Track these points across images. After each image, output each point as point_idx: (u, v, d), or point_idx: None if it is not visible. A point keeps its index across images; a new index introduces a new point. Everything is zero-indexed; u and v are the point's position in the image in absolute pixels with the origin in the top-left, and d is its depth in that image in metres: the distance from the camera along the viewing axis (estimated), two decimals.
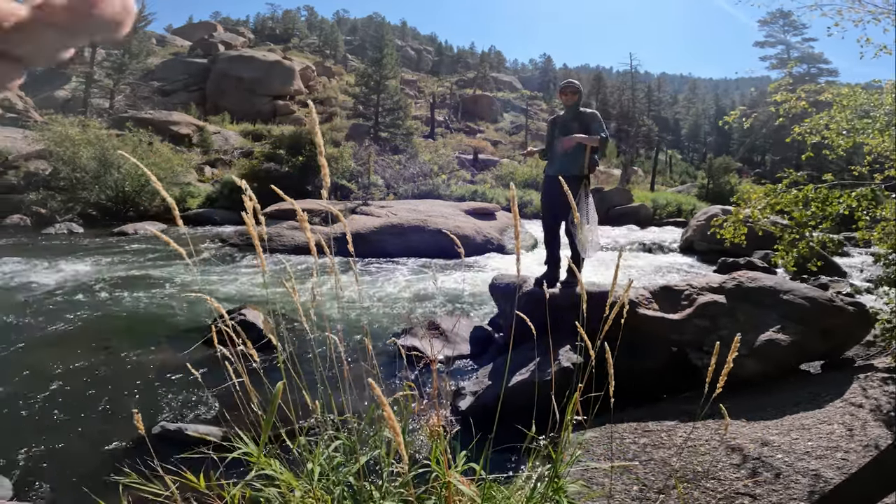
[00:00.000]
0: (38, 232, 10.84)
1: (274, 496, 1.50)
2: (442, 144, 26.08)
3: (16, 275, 6.58)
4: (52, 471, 2.57)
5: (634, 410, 2.89)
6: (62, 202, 12.36)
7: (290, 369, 1.53)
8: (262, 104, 28.56)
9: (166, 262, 7.98)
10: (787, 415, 2.55)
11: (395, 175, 17.52)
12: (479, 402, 3.04)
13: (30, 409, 3.16)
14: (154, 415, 3.11)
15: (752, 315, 3.09)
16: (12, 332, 4.52)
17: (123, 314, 5.21)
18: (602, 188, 17.64)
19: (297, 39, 53.43)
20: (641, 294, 3.34)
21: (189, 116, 22.94)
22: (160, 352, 4.17)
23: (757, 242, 7.45)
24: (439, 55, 65.49)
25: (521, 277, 3.88)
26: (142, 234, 10.96)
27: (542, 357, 3.00)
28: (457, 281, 7.27)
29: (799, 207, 4.04)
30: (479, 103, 41.81)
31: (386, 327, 4.88)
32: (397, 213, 10.07)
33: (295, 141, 16.00)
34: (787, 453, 2.23)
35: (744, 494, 2.04)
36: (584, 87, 3.87)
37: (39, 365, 3.77)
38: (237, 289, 6.43)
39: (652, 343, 3.24)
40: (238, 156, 19.41)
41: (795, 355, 3.06)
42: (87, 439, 2.85)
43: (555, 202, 3.63)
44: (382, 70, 24.55)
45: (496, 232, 10.54)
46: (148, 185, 13.48)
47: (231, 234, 10.00)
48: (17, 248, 8.64)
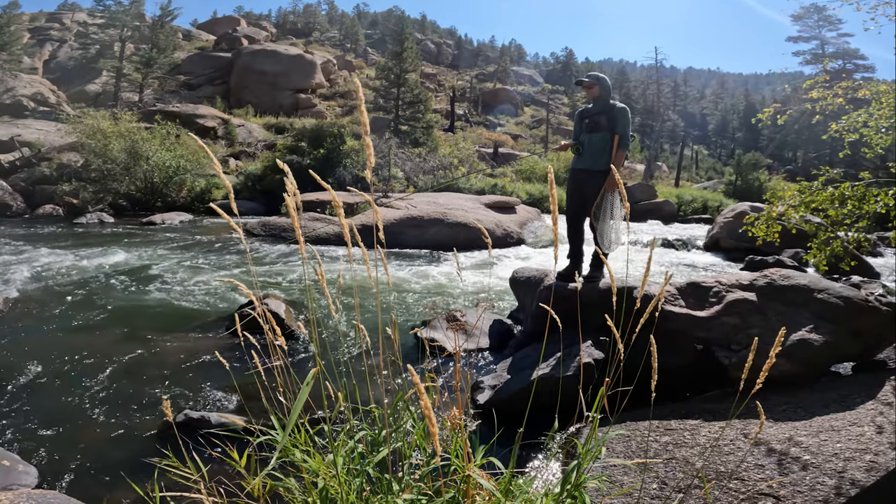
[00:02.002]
0: (70, 221, 11.22)
1: (294, 486, 1.52)
2: (462, 138, 25.98)
3: (49, 262, 6.82)
4: (77, 458, 2.57)
5: (657, 408, 2.84)
6: (93, 193, 12.76)
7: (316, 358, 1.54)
8: (284, 97, 28.88)
9: (193, 251, 8.18)
10: (817, 416, 2.49)
11: (415, 168, 17.56)
12: (498, 397, 3.03)
13: (57, 395, 3.22)
14: (177, 402, 3.15)
15: (784, 314, 3.00)
16: (44, 318, 4.67)
17: (151, 302, 5.35)
18: (626, 183, 17.34)
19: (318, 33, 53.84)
20: (667, 290, 3.27)
21: (214, 110, 23.36)
22: (185, 339, 4.27)
23: (785, 241, 7.23)
24: (459, 49, 65.10)
25: (543, 271, 3.84)
26: (169, 223, 11.24)
27: (563, 352, 2.97)
28: (477, 274, 7.25)
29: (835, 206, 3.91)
30: (498, 97, 41.47)
31: (406, 319, 4.91)
32: (417, 205, 10.09)
33: (316, 134, 16.17)
34: (814, 454, 2.17)
35: (767, 495, 1.99)
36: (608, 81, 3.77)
37: (68, 352, 3.87)
38: (260, 279, 6.54)
39: (677, 340, 3.17)
40: (261, 148, 19.72)
41: (827, 356, 2.97)
42: (112, 427, 2.88)
43: (580, 196, 3.57)
44: (402, 64, 24.53)
45: (516, 226, 10.47)
46: (175, 176, 13.84)
47: (254, 225, 10.18)
48: (50, 237, 8.96)
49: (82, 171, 13.54)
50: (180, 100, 25.03)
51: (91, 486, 2.38)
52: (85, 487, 2.36)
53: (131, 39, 27.13)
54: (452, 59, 61.07)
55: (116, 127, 13.67)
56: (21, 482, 2.30)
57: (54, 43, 35.30)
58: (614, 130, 3.47)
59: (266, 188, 14.31)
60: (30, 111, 19.22)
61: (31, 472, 2.39)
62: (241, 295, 5.35)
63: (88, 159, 13.37)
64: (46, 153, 15.31)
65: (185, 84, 28.31)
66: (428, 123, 23.42)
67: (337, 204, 1.28)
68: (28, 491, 1.90)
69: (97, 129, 13.38)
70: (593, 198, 3.42)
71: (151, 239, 9.21)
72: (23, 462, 2.44)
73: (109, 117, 14.57)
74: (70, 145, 15.00)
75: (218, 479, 1.78)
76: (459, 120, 31.20)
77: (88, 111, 15.47)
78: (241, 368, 3.48)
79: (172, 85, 26.72)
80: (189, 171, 14.16)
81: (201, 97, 26.68)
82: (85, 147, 13.57)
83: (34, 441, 2.70)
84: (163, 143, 14.06)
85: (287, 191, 1.37)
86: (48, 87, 21.67)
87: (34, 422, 2.89)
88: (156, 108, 21.50)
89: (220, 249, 8.42)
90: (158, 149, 13.72)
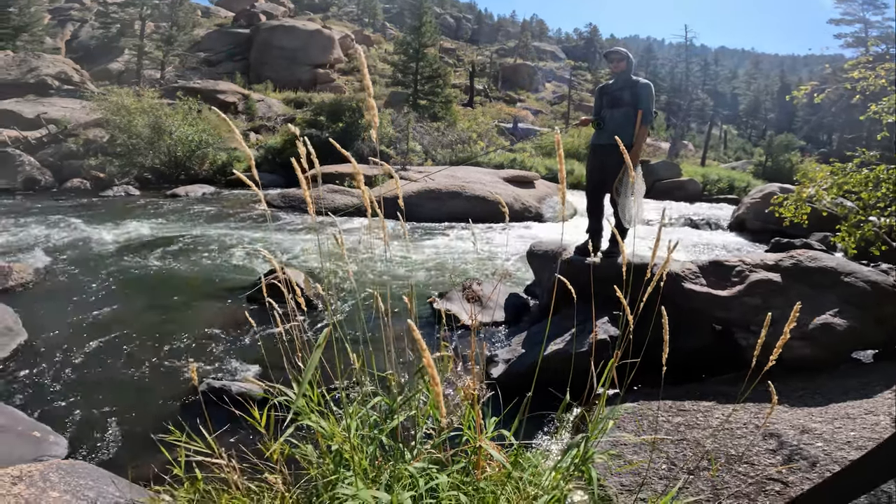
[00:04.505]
0: (97, 194, 11.53)
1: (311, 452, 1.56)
2: (481, 112, 25.56)
3: (77, 234, 7.04)
4: (104, 428, 2.65)
5: (672, 388, 2.83)
6: (119, 167, 13.08)
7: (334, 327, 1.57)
8: (302, 73, 28.72)
9: (215, 221, 8.34)
10: (833, 402, 2.44)
11: (433, 142, 17.44)
12: (512, 370, 3.05)
13: (84, 365, 3.31)
14: (201, 370, 3.24)
15: (809, 296, 2.92)
16: (72, 289, 4.81)
17: (174, 271, 5.50)
18: (649, 161, 16.91)
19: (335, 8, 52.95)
20: (688, 268, 3.22)
21: (234, 85, 23.42)
22: (207, 308, 4.39)
23: (815, 224, 6.99)
24: (479, 23, 63.41)
25: (561, 245, 3.81)
26: (192, 195, 11.47)
27: (578, 328, 2.96)
28: (493, 247, 7.24)
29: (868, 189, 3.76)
30: (519, 72, 40.46)
31: (422, 290, 4.95)
32: (435, 178, 10.06)
33: (335, 108, 16.14)
34: (827, 442, 2.14)
35: (776, 480, 1.98)
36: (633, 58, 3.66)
37: (94, 322, 4.00)
38: (280, 248, 6.65)
39: (696, 320, 3.13)
40: (281, 122, 19.80)
41: (850, 342, 2.90)
42: (138, 396, 2.97)
43: (601, 171, 3.50)
44: (421, 38, 24.07)
45: (535, 200, 10.37)
46: (198, 149, 14.07)
47: (274, 197, 10.35)
48: (78, 209, 9.23)
49: (108, 147, 13.82)
50: (201, 76, 25.11)
51: (118, 454, 2.46)
52: (113, 456, 2.44)
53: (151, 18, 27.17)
54: (472, 33, 59.57)
55: (140, 103, 13.88)
56: (51, 453, 2.37)
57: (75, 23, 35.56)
58: (637, 106, 3.38)
59: (285, 161, 14.40)
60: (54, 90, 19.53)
61: (61, 443, 2.47)
62: (260, 265, 5.46)
63: (114, 135, 13.65)
64: (73, 130, 15.65)
65: (205, 61, 28.34)
66: (446, 98, 23.08)
67: (357, 172, 1.28)
68: (58, 462, 1.95)
69: (121, 105, 13.63)
70: (614, 173, 3.35)
71: (175, 210, 9.41)
72: (53, 433, 2.51)
73: (133, 94, 14.77)
74: (95, 122, 15.28)
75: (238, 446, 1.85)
76: (478, 95, 30.63)
77: (112, 89, 15.67)
78: (262, 336, 3.58)
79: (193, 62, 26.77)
80: (211, 145, 14.39)
81: (221, 73, 26.72)
82: (110, 123, 13.85)
83: (63, 411, 2.78)
84: (185, 118, 14.26)
85: (304, 157, 1.37)
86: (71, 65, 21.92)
87: (63, 392, 2.97)
88: (177, 84, 21.64)
89: (242, 220, 8.57)
90: (181, 124, 13.92)
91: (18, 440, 2.39)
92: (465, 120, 21.75)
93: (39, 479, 1.74)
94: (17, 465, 1.84)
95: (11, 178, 12.38)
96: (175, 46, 25.70)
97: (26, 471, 1.76)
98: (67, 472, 1.85)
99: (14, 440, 2.39)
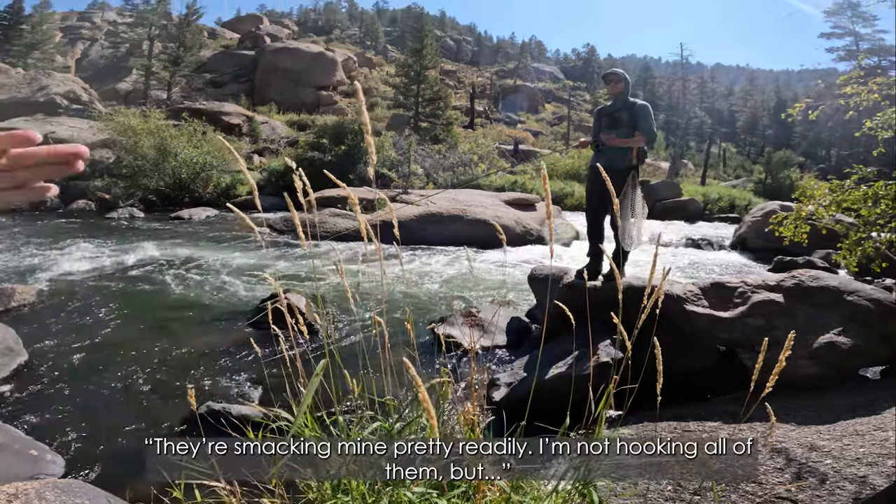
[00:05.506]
0: (102, 216, 11.62)
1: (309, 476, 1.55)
2: (482, 135, 25.88)
3: (82, 256, 7.09)
4: (102, 448, 2.63)
5: (676, 409, 2.79)
6: (124, 188, 13.15)
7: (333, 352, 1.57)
8: (306, 95, 29.24)
9: (217, 245, 8.39)
10: (841, 420, 2.42)
11: (434, 164, 17.59)
12: (514, 394, 3.03)
13: (85, 386, 3.31)
14: (201, 393, 3.22)
15: (812, 316, 2.92)
16: (74, 310, 4.82)
17: (176, 295, 5.51)
18: (649, 181, 17.01)
19: (338, 31, 54.24)
20: (690, 290, 3.21)
21: (239, 107, 23.78)
22: (208, 331, 4.38)
23: (817, 242, 6.99)
24: (478, 45, 64.74)
25: (562, 269, 3.81)
26: (196, 218, 11.54)
27: (580, 351, 2.95)
28: (495, 271, 7.24)
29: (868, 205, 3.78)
30: (519, 93, 41.13)
31: (423, 314, 4.93)
32: (436, 201, 10.11)
33: (337, 130, 16.34)
34: (836, 459, 2.12)
35: (784, 499, 1.96)
36: (630, 78, 3.72)
37: (96, 343, 4.01)
38: (282, 273, 6.67)
39: (699, 341, 3.11)
40: (284, 145, 20.04)
41: (856, 359, 2.90)
42: (137, 417, 2.95)
43: (600, 193, 3.53)
44: (422, 60, 24.55)
45: (536, 223, 10.39)
46: (202, 172, 14.17)
47: (276, 221, 10.38)
48: (83, 231, 9.31)
49: (114, 168, 13.95)
50: (206, 97, 25.54)
51: (115, 474, 2.42)
52: (110, 476, 2.41)
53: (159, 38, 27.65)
54: (472, 55, 60.78)
55: (146, 124, 14.03)
56: (48, 471, 2.35)
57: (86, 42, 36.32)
58: (636, 127, 3.42)
59: (288, 184, 14.46)
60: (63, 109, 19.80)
61: (57, 462, 2.45)
62: (261, 289, 5.46)
63: (120, 156, 13.76)
64: None
65: (211, 82, 28.86)
66: (447, 120, 23.40)
67: (354, 202, 1.30)
68: (54, 480, 1.94)
69: (128, 126, 13.76)
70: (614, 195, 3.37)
71: (179, 233, 9.47)
72: (50, 451, 2.50)
73: (139, 115, 14.97)
74: (102, 142, 15.47)
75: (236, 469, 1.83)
76: (479, 117, 31.07)
77: (119, 109, 15.91)
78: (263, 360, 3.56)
79: (199, 83, 27.23)
80: (215, 168, 14.45)
81: (227, 94, 27.19)
82: (116, 144, 13.95)
83: (61, 431, 2.77)
84: (190, 140, 14.38)
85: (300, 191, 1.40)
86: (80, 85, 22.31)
87: (62, 412, 2.97)
88: (183, 105, 22.00)
89: (244, 244, 8.60)
90: (186, 146, 14.04)
91: (15, 458, 2.39)
92: (466, 142, 22.00)
93: (35, 497, 1.73)
94: (14, 482, 1.83)
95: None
96: (182, 67, 26.07)
97: (22, 488, 1.75)
98: (63, 491, 1.83)
99: (11, 458, 2.38)
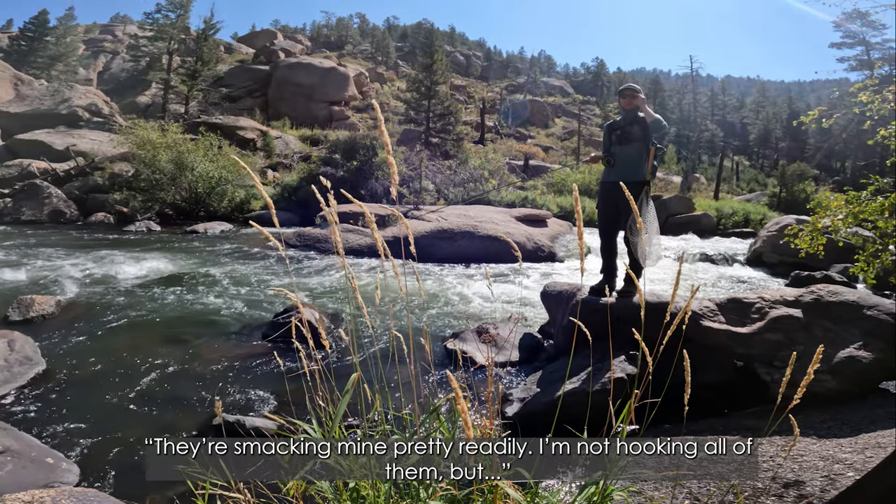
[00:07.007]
0: (120, 229, 11.86)
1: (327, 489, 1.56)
2: (492, 150, 26.02)
3: (100, 268, 7.23)
4: (118, 457, 2.64)
5: (693, 424, 2.77)
6: (142, 202, 13.43)
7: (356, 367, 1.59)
8: (319, 109, 29.72)
9: (232, 259, 8.51)
10: (863, 433, 2.39)
11: (445, 180, 17.70)
12: (527, 409, 3.01)
13: (101, 396, 3.34)
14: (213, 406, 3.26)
15: (832, 331, 2.89)
16: (92, 321, 4.90)
17: (192, 307, 5.59)
18: (661, 195, 16.93)
19: (350, 46, 55.23)
20: (706, 306, 3.19)
21: (254, 122, 24.19)
22: (224, 344, 4.42)
23: (834, 256, 6.88)
24: (488, 60, 65.44)
25: (575, 286, 3.81)
26: (211, 232, 11.73)
27: (594, 367, 2.93)
28: (507, 287, 7.23)
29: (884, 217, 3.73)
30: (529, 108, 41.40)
31: (437, 330, 4.94)
32: (447, 217, 10.15)
33: (350, 145, 16.58)
34: (858, 471, 2.08)
35: None
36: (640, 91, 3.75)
37: (113, 354, 4.05)
38: (296, 287, 6.73)
39: (716, 357, 3.09)
40: (297, 160, 20.32)
41: (877, 373, 2.87)
42: (153, 427, 2.97)
43: (613, 209, 3.53)
44: (433, 76, 24.84)
45: (547, 239, 10.37)
46: (218, 186, 14.42)
47: (290, 236, 10.50)
48: (102, 243, 9.51)
49: (132, 181, 14.26)
50: (223, 112, 26.01)
51: (130, 484, 2.43)
52: (124, 486, 2.42)
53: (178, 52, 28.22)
54: (482, 70, 61.47)
55: (164, 138, 14.34)
56: (63, 479, 2.37)
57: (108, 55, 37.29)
58: (648, 141, 3.43)
59: (301, 199, 14.74)
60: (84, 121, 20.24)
61: (73, 470, 2.47)
62: (276, 303, 5.52)
63: (138, 169, 14.06)
64: (100, 163, 16.19)
65: (226, 96, 29.43)
66: (458, 135, 23.57)
67: (370, 219, 1.33)
68: (70, 489, 1.96)
69: (147, 140, 14.06)
70: (627, 211, 3.38)
71: (194, 247, 9.62)
72: (66, 459, 2.52)
73: (158, 128, 15.29)
74: (122, 155, 15.80)
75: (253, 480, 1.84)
76: (490, 132, 31.28)
77: (139, 122, 16.28)
78: (278, 374, 3.59)
79: (215, 97, 27.76)
80: (230, 182, 14.66)
81: (242, 109, 27.68)
82: (135, 157, 14.26)
83: (77, 440, 2.80)
84: (206, 154, 14.64)
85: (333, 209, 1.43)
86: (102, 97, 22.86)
87: (78, 421, 3.00)
88: (200, 119, 22.43)
89: (258, 258, 8.71)
90: (202, 160, 14.30)
91: (31, 465, 2.41)
92: (477, 157, 22.12)
93: None
94: (30, 490, 1.85)
95: (38, 210, 12.82)
96: (199, 81, 26.54)
97: (38, 496, 1.77)
98: (79, 499, 1.85)
99: (27, 465, 2.40)
